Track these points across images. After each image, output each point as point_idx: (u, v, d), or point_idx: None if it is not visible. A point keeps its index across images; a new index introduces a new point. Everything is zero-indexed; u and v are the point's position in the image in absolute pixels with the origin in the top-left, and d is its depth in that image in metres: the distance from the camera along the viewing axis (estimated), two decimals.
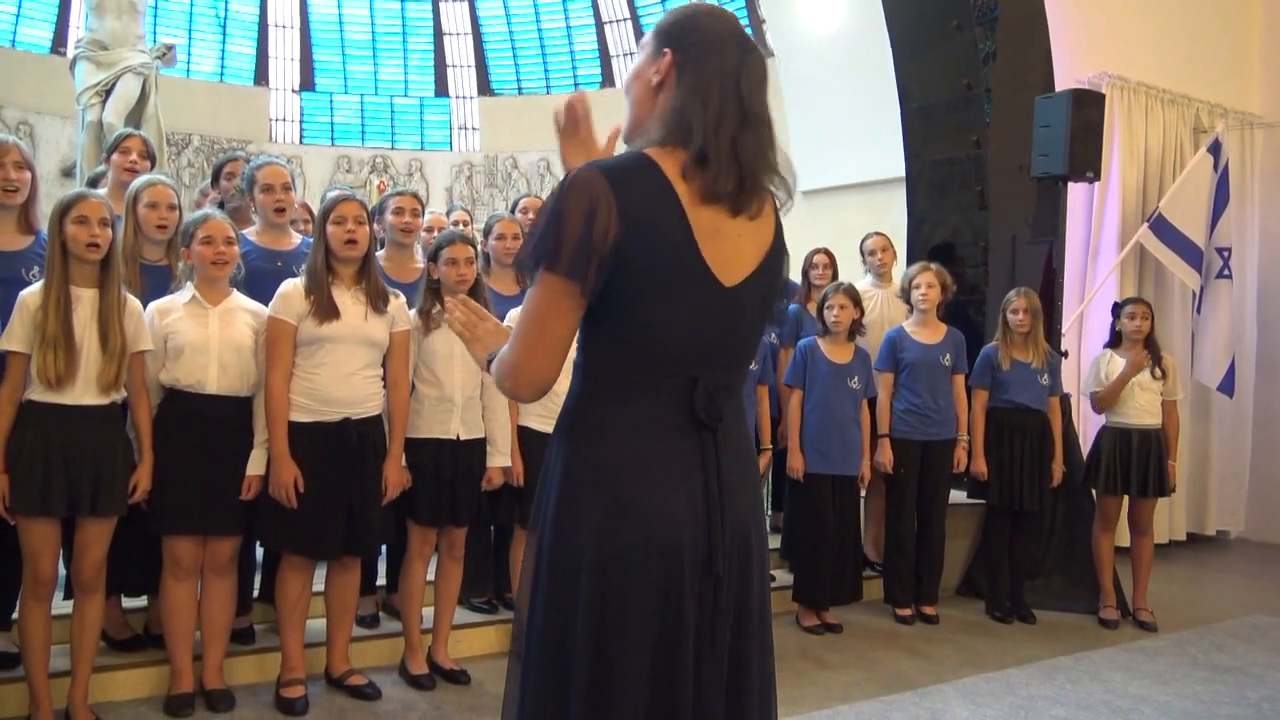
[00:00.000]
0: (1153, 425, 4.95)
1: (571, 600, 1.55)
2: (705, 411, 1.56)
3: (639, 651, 1.52)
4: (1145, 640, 4.74)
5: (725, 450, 1.59)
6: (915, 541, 4.93)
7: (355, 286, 3.41)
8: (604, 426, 1.58)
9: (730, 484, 1.59)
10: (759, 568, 1.66)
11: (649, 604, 1.53)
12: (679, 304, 1.54)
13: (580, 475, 1.57)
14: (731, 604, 1.60)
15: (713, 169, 1.53)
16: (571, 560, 1.56)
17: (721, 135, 1.54)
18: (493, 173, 12.85)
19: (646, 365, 1.56)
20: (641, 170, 1.54)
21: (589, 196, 1.49)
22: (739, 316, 1.61)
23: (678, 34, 1.60)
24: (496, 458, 3.73)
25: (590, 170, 1.52)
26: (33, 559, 2.97)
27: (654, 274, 1.52)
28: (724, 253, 1.57)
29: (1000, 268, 5.88)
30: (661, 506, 1.54)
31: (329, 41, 13.25)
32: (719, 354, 1.60)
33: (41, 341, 2.91)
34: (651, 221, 1.51)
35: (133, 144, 4.02)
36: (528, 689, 1.62)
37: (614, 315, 1.55)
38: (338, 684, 3.55)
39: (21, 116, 10.41)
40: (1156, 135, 6.58)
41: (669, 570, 1.53)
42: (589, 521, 1.54)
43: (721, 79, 1.55)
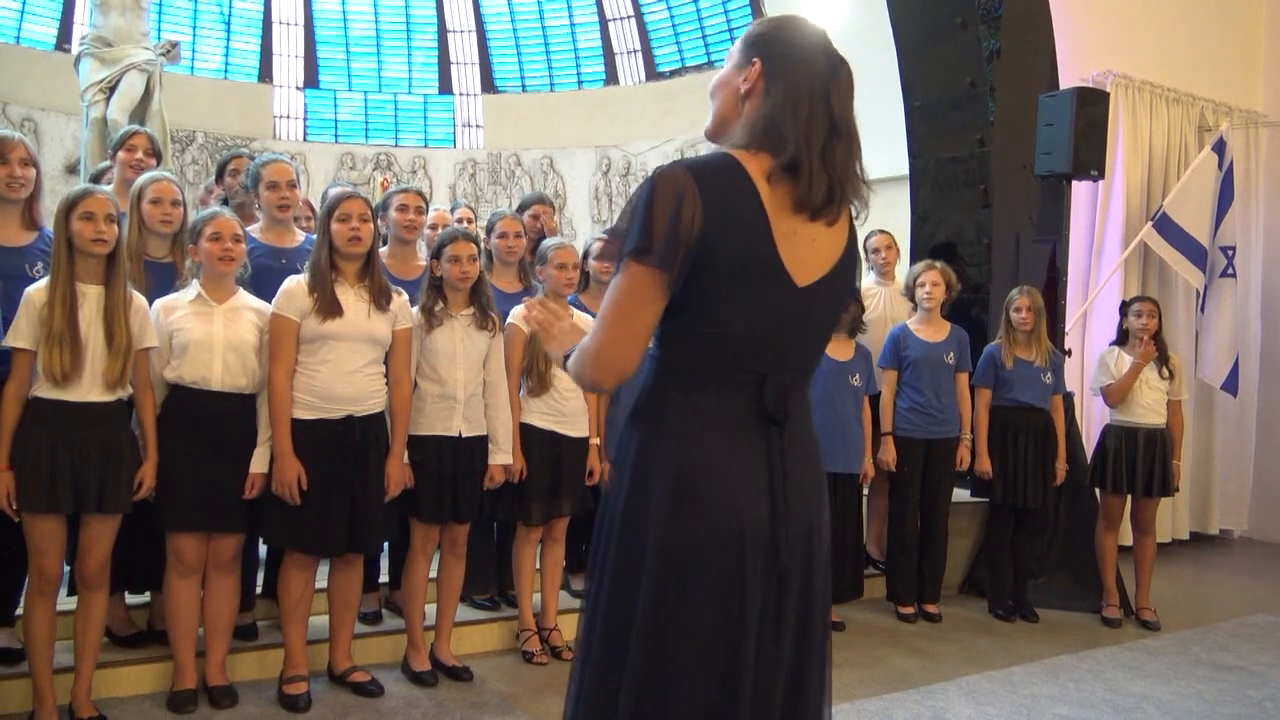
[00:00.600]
0: (1158, 424, 4.95)
1: (635, 586, 1.60)
2: (774, 407, 1.61)
3: (702, 638, 1.57)
4: (1148, 639, 4.73)
5: (792, 445, 1.65)
6: (918, 539, 4.93)
7: (358, 284, 3.41)
8: (676, 418, 1.63)
9: (796, 479, 1.65)
10: (822, 563, 1.71)
11: (713, 593, 1.58)
12: (754, 300, 1.60)
13: (651, 465, 1.63)
14: (794, 597, 1.65)
15: (804, 178, 1.59)
16: (639, 547, 1.61)
17: (812, 145, 1.59)
18: (496, 170, 12.85)
19: (719, 359, 1.62)
20: (726, 169, 1.59)
21: (675, 190, 1.54)
22: (810, 316, 1.66)
23: (767, 44, 1.66)
24: (498, 455, 3.74)
25: (676, 167, 1.58)
26: (38, 556, 2.98)
27: (732, 269, 1.58)
28: (799, 254, 1.62)
29: (1004, 266, 5.87)
30: (728, 498, 1.59)
31: (333, 38, 13.25)
32: (789, 352, 1.66)
33: (47, 338, 2.91)
34: (733, 218, 1.56)
35: (138, 141, 4.03)
36: (588, 672, 1.67)
37: (691, 308, 1.60)
38: (340, 681, 3.56)
39: (26, 113, 10.42)
40: (1161, 133, 6.57)
41: (734, 560, 1.58)
42: (658, 510, 1.60)
43: (811, 90, 1.61)
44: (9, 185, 3.23)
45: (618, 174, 12.34)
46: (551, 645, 4.03)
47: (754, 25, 1.71)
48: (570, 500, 3.97)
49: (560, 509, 3.97)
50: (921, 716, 3.62)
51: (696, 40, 12.18)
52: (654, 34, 12.65)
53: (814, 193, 1.59)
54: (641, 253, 1.55)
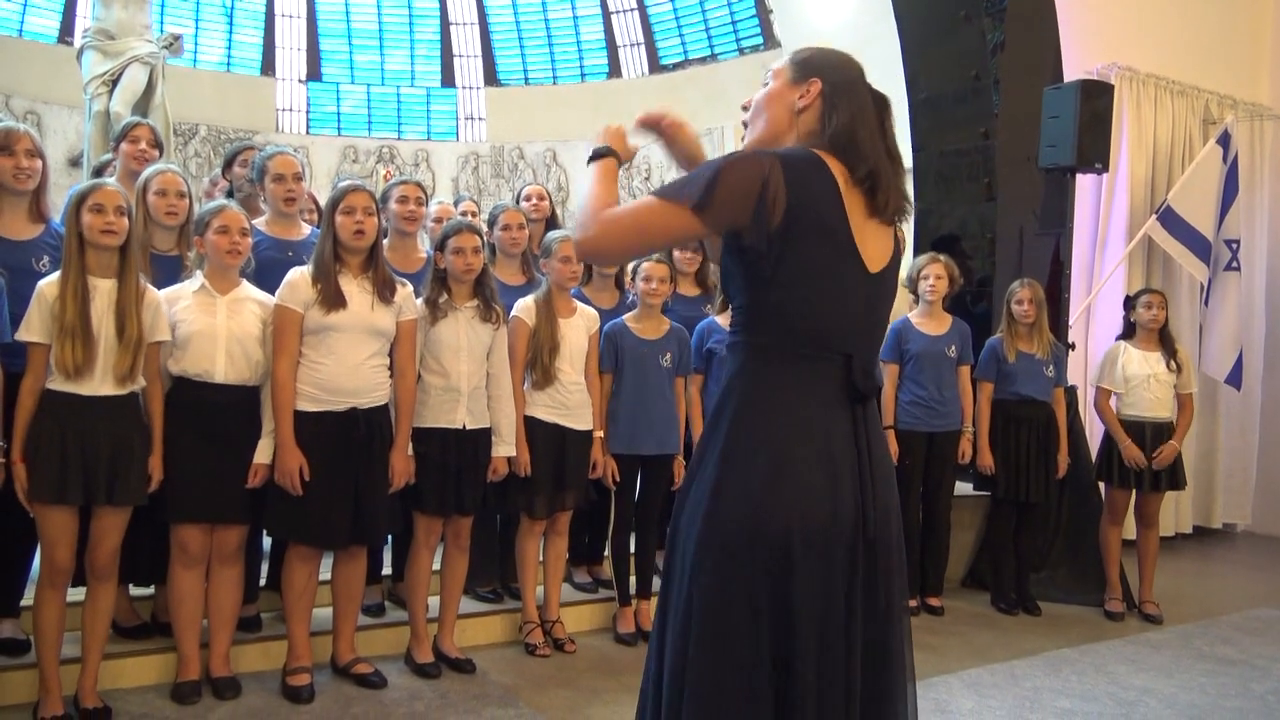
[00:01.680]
0: (1165, 418, 4.94)
1: (729, 574, 1.64)
2: (864, 384, 1.70)
3: (804, 621, 1.62)
4: (1151, 633, 4.74)
5: (872, 426, 1.74)
6: (920, 533, 4.93)
7: (362, 276, 3.41)
8: (766, 398, 1.70)
9: (878, 458, 1.74)
10: (899, 543, 1.77)
11: (807, 571, 1.62)
12: (837, 283, 1.70)
13: (743, 446, 1.68)
14: (884, 575, 1.70)
15: (882, 195, 1.72)
16: (730, 536, 1.65)
17: (883, 163, 1.73)
18: (499, 163, 12.83)
19: (807, 339, 1.69)
20: (809, 161, 1.70)
21: (760, 169, 1.65)
22: (881, 301, 1.78)
23: (823, 66, 1.80)
24: (501, 447, 3.74)
25: (763, 151, 1.69)
26: (50, 547, 2.99)
27: (816, 253, 1.68)
28: (869, 246, 1.73)
29: (1008, 259, 5.87)
30: (820, 478, 1.65)
31: (335, 31, 13.23)
32: (866, 334, 1.76)
33: (60, 332, 2.92)
34: (816, 204, 1.67)
35: (141, 133, 4.02)
36: (691, 664, 1.67)
37: (779, 287, 1.68)
38: (344, 672, 3.57)
39: (29, 106, 10.40)
40: (1165, 126, 6.55)
41: (826, 542, 1.64)
42: (751, 489, 1.65)
43: (869, 114, 1.76)
44: (15, 177, 3.23)
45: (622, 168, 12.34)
46: (554, 638, 4.04)
47: (802, 51, 1.83)
48: (574, 493, 3.97)
49: (564, 502, 3.97)
50: (924, 709, 3.62)
51: (700, 33, 12.15)
52: (657, 26, 12.62)
53: (889, 206, 1.73)
54: (699, 206, 1.64)
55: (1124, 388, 4.99)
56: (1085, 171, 5.59)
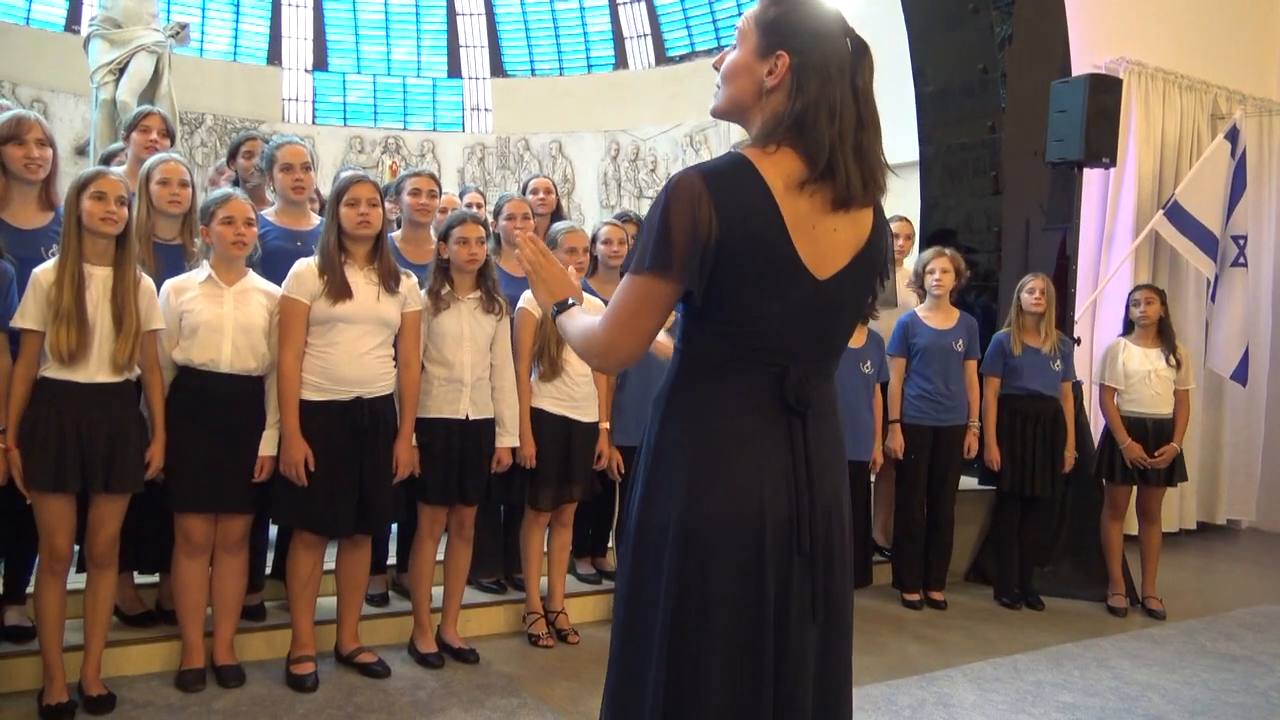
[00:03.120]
0: (1166, 414, 4.93)
1: (657, 568, 1.63)
2: (795, 398, 1.62)
3: (726, 619, 1.59)
4: (1154, 628, 4.73)
5: (814, 434, 1.66)
6: (924, 527, 4.93)
7: (368, 266, 3.41)
8: (697, 405, 1.66)
9: (819, 462, 1.66)
10: (844, 545, 1.73)
11: (731, 573, 1.59)
12: (773, 299, 1.61)
13: (671, 449, 1.66)
14: (822, 578, 1.66)
15: (841, 178, 1.59)
16: (658, 530, 1.64)
17: (845, 142, 1.59)
18: (505, 154, 12.83)
19: (741, 354, 1.63)
20: (737, 172, 1.59)
21: (690, 200, 1.56)
22: (831, 309, 1.66)
23: (791, 33, 1.62)
24: (505, 438, 3.74)
25: (689, 174, 1.59)
26: (48, 535, 3.00)
27: (750, 271, 1.59)
28: (819, 246, 1.62)
29: (1014, 254, 5.85)
30: (746, 482, 1.61)
31: (342, 21, 13.23)
32: (811, 345, 1.66)
33: (54, 318, 2.92)
34: (747, 220, 1.57)
35: (152, 122, 4.02)
36: (613, 659, 1.70)
37: (712, 308, 1.62)
38: (347, 661, 3.58)
39: (36, 94, 10.42)
40: (1174, 121, 6.53)
41: (751, 543, 1.60)
42: (677, 492, 1.63)
43: (841, 85, 1.60)
44: (27, 166, 3.23)
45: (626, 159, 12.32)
46: (558, 629, 4.04)
47: (770, 8, 1.65)
48: (580, 485, 3.97)
49: (570, 494, 3.97)
50: (926, 702, 3.63)
51: (706, 24, 12.13)
52: (664, 18, 12.60)
53: (851, 189, 1.60)
54: (659, 267, 1.57)
55: (1124, 384, 4.98)
56: (1092, 166, 5.57)
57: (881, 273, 1.76)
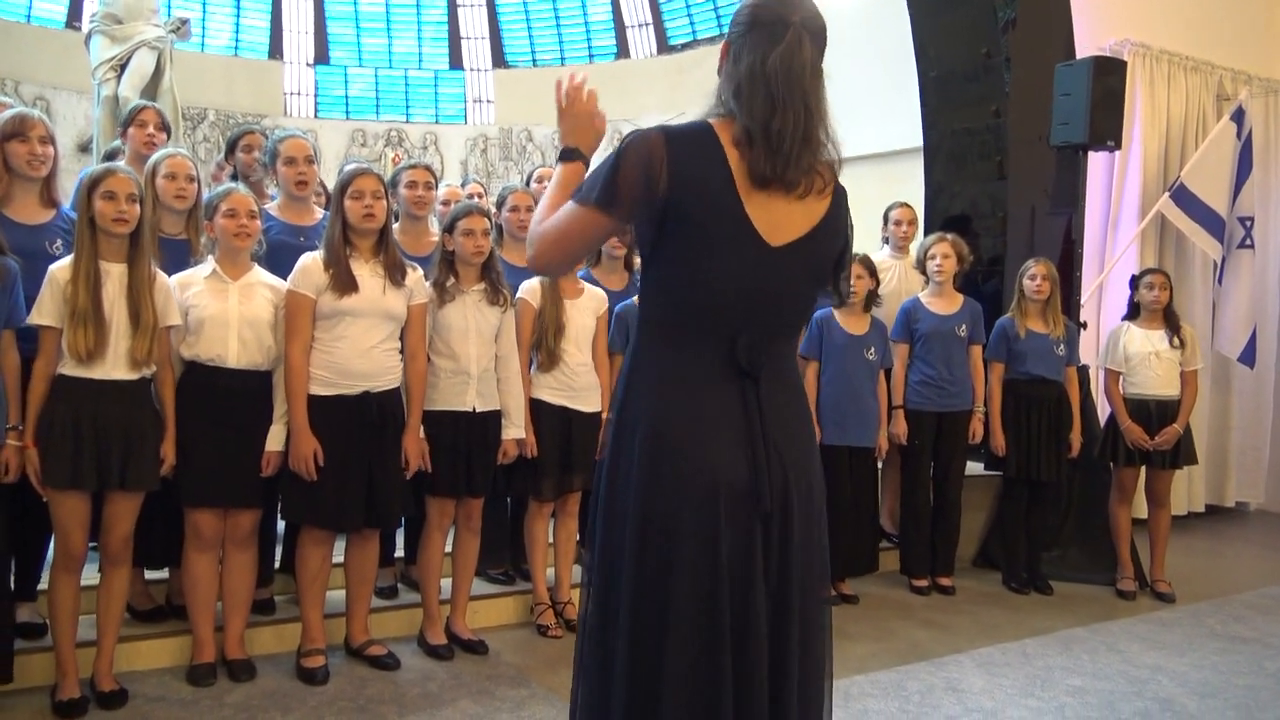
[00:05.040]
0: (1171, 396, 4.92)
1: (620, 542, 1.67)
2: (746, 361, 1.66)
3: (684, 592, 1.62)
4: (1163, 611, 4.73)
5: (769, 400, 1.68)
6: (931, 513, 4.93)
7: (373, 259, 3.41)
8: (652, 377, 1.70)
9: (776, 431, 1.68)
10: (806, 517, 1.72)
11: (692, 548, 1.62)
12: (725, 258, 1.66)
13: (631, 424, 1.70)
14: (781, 544, 1.68)
15: (755, 151, 1.65)
16: (621, 506, 1.68)
17: (755, 119, 1.64)
18: (507, 145, 12.81)
19: (694, 315, 1.68)
20: (698, 135, 1.67)
21: (646, 153, 1.63)
22: (783, 275, 1.70)
23: (734, 24, 1.74)
24: (511, 430, 3.75)
25: (651, 131, 1.67)
26: (64, 532, 3.01)
27: (701, 229, 1.65)
28: (774, 216, 1.67)
29: (1019, 238, 5.83)
30: (702, 452, 1.64)
31: (343, 14, 13.20)
32: (762, 310, 1.70)
33: (71, 316, 2.93)
34: (701, 181, 1.64)
35: (148, 116, 4.02)
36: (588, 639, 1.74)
37: (665, 263, 1.69)
38: (357, 654, 3.59)
39: (38, 92, 10.42)
40: (1179, 103, 6.49)
41: (709, 514, 1.62)
42: (635, 467, 1.66)
43: (753, 65, 1.66)
44: (29, 163, 3.24)
45: None
46: (566, 619, 4.05)
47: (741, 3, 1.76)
48: (582, 475, 3.97)
49: (572, 484, 3.98)
50: (935, 688, 3.64)
51: (708, 13, 12.09)
52: (665, 7, 12.55)
53: (762, 166, 1.65)
54: (602, 203, 1.64)
55: (1125, 366, 4.97)
56: (1097, 149, 5.54)
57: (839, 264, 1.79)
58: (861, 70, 9.04)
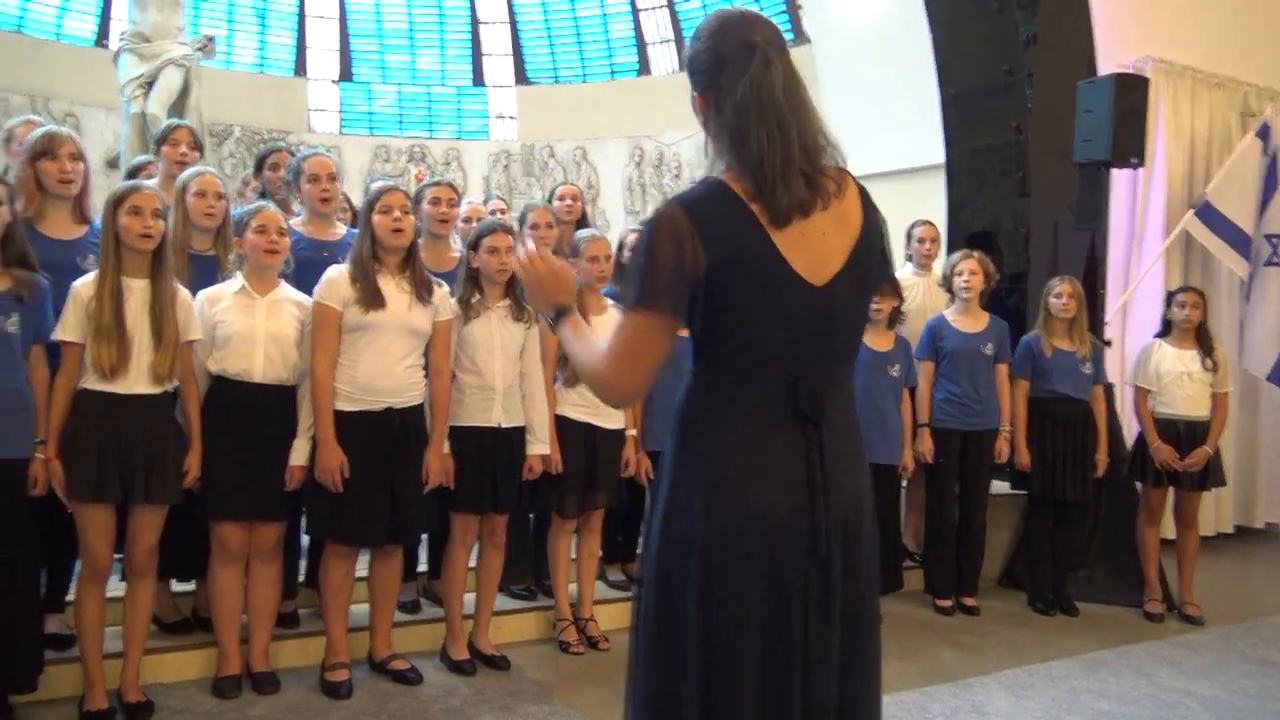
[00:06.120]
0: (1201, 417, 4.86)
1: (681, 584, 1.64)
2: (808, 407, 1.63)
3: (747, 632, 1.60)
4: (1191, 634, 4.67)
5: (830, 441, 1.66)
6: (956, 532, 4.90)
7: (400, 275, 3.43)
8: (711, 419, 1.67)
9: (835, 471, 1.66)
10: (866, 554, 1.72)
11: (754, 586, 1.60)
12: (773, 313, 1.62)
13: (687, 465, 1.67)
14: (839, 588, 1.66)
15: (767, 195, 1.60)
16: (680, 546, 1.65)
17: (769, 160, 1.59)
18: (529, 161, 12.87)
19: (750, 368, 1.64)
20: (717, 197, 1.62)
21: (674, 234, 1.58)
22: (833, 313, 1.67)
23: (699, 71, 1.68)
24: (536, 446, 3.75)
25: (671, 207, 1.62)
26: (89, 544, 3.04)
27: (745, 290, 1.61)
28: (812, 252, 1.63)
29: (1042, 255, 5.81)
30: (763, 492, 1.62)
31: (366, 32, 13.33)
32: (818, 352, 1.67)
33: (95, 332, 2.96)
34: (735, 243, 1.60)
35: (181, 135, 4.08)
36: (640, 670, 1.71)
37: (717, 330, 1.64)
38: (380, 668, 3.60)
39: (67, 108, 10.56)
40: (1203, 119, 6.45)
41: (772, 554, 1.61)
42: (695, 508, 1.63)
43: (747, 107, 1.60)
44: (60, 180, 3.29)
45: (651, 164, 12.33)
46: (588, 635, 4.05)
47: (689, 44, 1.72)
48: (605, 492, 3.98)
49: (595, 500, 3.98)
50: (960, 709, 3.61)
51: None
52: (686, 23, 12.60)
53: (793, 196, 1.60)
54: (647, 303, 1.60)
55: (1156, 385, 4.93)
56: (1121, 166, 5.52)
57: (881, 266, 1.76)
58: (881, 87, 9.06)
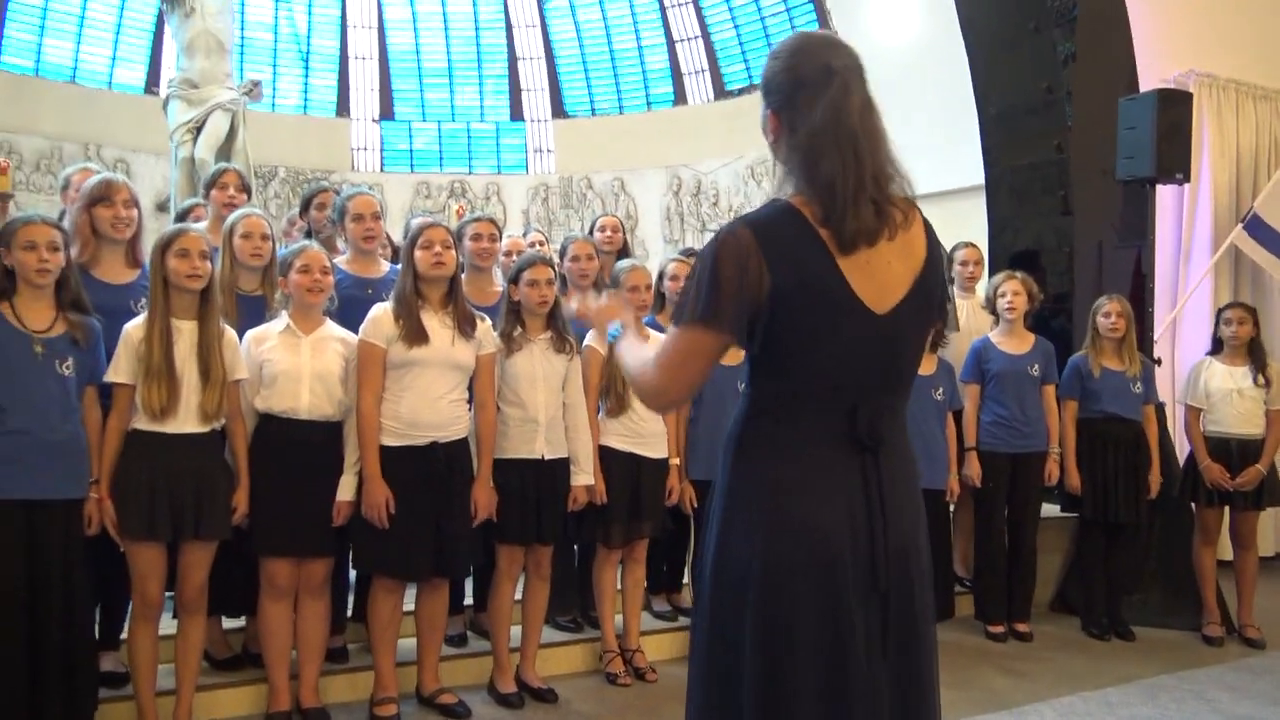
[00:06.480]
0: (1254, 435, 4.76)
1: (736, 611, 1.63)
2: (867, 435, 1.62)
3: (806, 662, 1.59)
4: (1253, 658, 4.55)
5: (887, 470, 1.65)
6: (1006, 556, 4.82)
7: (443, 311, 3.47)
8: (768, 446, 1.66)
9: (893, 501, 1.65)
10: (922, 584, 1.71)
11: (811, 615, 1.59)
12: (835, 339, 1.61)
13: (744, 491, 1.67)
14: (896, 618, 1.65)
15: (836, 221, 1.59)
16: (736, 574, 1.64)
17: (840, 187, 1.58)
18: (568, 194, 12.98)
19: (808, 395, 1.64)
20: (784, 219, 1.62)
21: (740, 254, 1.58)
22: (894, 342, 1.66)
23: (774, 90, 1.69)
24: (580, 476, 3.76)
25: (738, 226, 1.61)
26: (140, 582, 3.09)
27: (808, 315, 1.60)
28: (876, 281, 1.62)
29: (1087, 274, 5.75)
30: (822, 521, 1.61)
31: (407, 71, 13.56)
32: (878, 380, 1.66)
33: (145, 374, 3.03)
34: (799, 267, 1.59)
35: (230, 179, 4.17)
36: (695, 699, 1.70)
37: (776, 354, 1.63)
38: (428, 702, 3.60)
39: (119, 155, 10.86)
40: (1248, 133, 6.36)
41: (829, 583, 1.60)
42: (752, 535, 1.63)
43: (823, 127, 1.60)
44: (115, 225, 3.38)
45: (689, 193, 12.37)
46: (635, 667, 4.03)
47: (765, 64, 1.73)
48: (650, 522, 3.97)
49: (640, 530, 3.97)
50: None
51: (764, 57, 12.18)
52: (721, 53, 12.68)
53: (862, 222, 1.59)
54: (708, 319, 1.59)
55: (1206, 403, 4.84)
56: (1165, 182, 5.46)
57: (940, 299, 1.76)
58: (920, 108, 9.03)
